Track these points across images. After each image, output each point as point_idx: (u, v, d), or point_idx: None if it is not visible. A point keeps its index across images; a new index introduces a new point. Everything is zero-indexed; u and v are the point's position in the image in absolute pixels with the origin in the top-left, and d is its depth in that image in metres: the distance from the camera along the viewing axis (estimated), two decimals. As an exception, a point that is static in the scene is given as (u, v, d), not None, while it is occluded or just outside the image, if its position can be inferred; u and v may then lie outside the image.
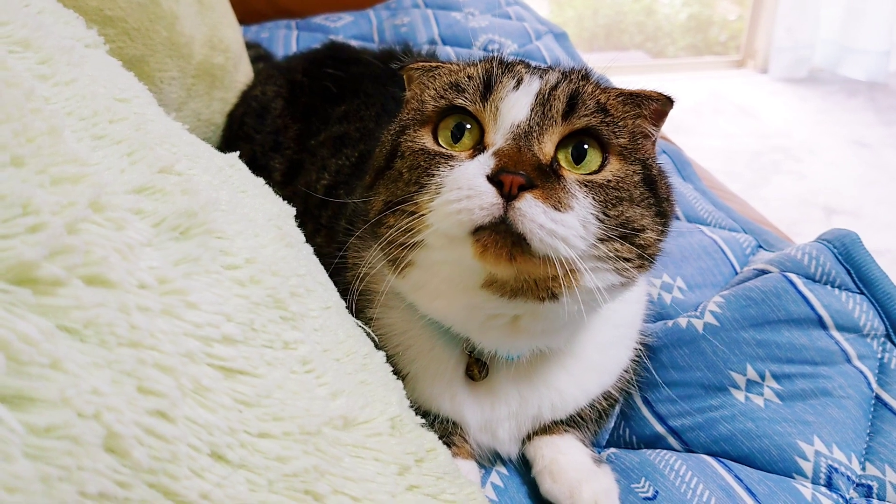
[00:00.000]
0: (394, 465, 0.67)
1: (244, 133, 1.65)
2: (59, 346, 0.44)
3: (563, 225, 0.78)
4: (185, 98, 1.61)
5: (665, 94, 0.93)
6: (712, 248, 1.38)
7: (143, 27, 1.45)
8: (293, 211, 0.89)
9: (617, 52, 5.83)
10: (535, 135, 0.83)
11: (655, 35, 5.95)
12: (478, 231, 0.78)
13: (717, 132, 4.53)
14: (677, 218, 1.52)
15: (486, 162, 0.81)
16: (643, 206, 0.87)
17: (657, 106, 0.94)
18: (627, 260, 0.85)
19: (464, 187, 0.79)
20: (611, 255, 0.83)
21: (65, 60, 0.66)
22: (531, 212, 0.76)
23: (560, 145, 0.85)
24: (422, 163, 0.87)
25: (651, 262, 0.89)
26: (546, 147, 0.84)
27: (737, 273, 1.32)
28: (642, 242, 0.86)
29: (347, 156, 1.39)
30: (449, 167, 0.84)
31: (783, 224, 1.71)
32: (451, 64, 1.00)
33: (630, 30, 5.96)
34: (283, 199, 0.93)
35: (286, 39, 2.50)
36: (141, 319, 0.50)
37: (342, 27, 2.57)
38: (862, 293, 1.10)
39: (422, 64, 1.02)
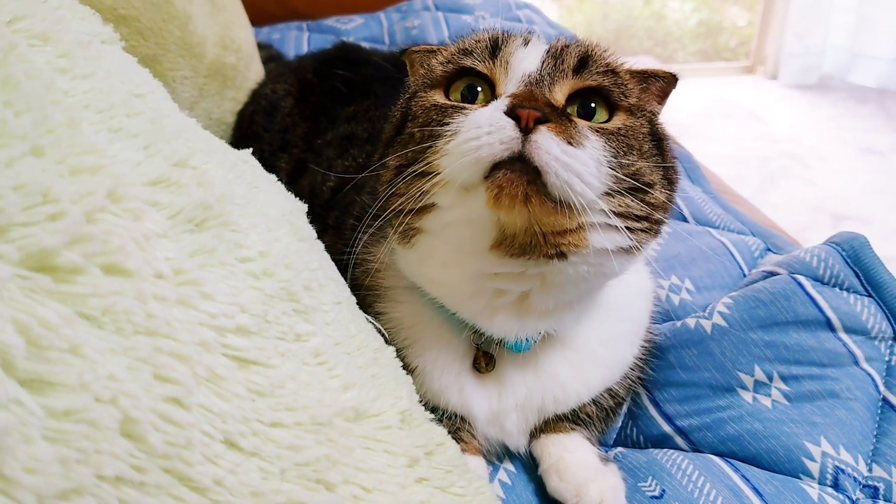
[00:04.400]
0: (403, 458, 0.67)
1: (253, 132, 1.67)
2: (77, 332, 0.45)
3: (577, 160, 0.78)
4: (197, 97, 1.63)
5: (670, 72, 0.96)
6: (721, 250, 1.38)
7: (156, 26, 1.47)
8: (305, 207, 0.90)
9: (626, 57, 5.81)
10: (546, 83, 0.85)
11: (665, 40, 5.95)
12: (492, 173, 0.79)
13: (727, 137, 4.53)
14: (685, 220, 1.52)
15: (501, 103, 0.81)
16: (652, 162, 0.88)
17: (663, 84, 0.97)
18: (637, 219, 0.86)
19: (483, 124, 0.79)
20: (622, 210, 0.84)
21: (83, 55, 0.66)
22: (547, 144, 0.77)
23: (568, 100, 0.87)
24: (434, 116, 0.88)
25: (658, 227, 0.91)
26: (557, 95, 0.85)
27: (745, 275, 1.33)
28: (652, 201, 0.87)
29: (354, 156, 1.39)
30: (464, 115, 0.85)
31: (791, 230, 1.71)
32: (452, 45, 1.01)
33: (639, 35, 5.96)
34: (290, 198, 0.94)
35: (297, 41, 2.51)
36: (157, 308, 0.51)
37: (353, 29, 2.58)
38: (870, 296, 1.10)
39: (423, 47, 1.04)
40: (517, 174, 0.77)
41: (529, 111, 0.77)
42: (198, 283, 0.56)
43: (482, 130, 0.79)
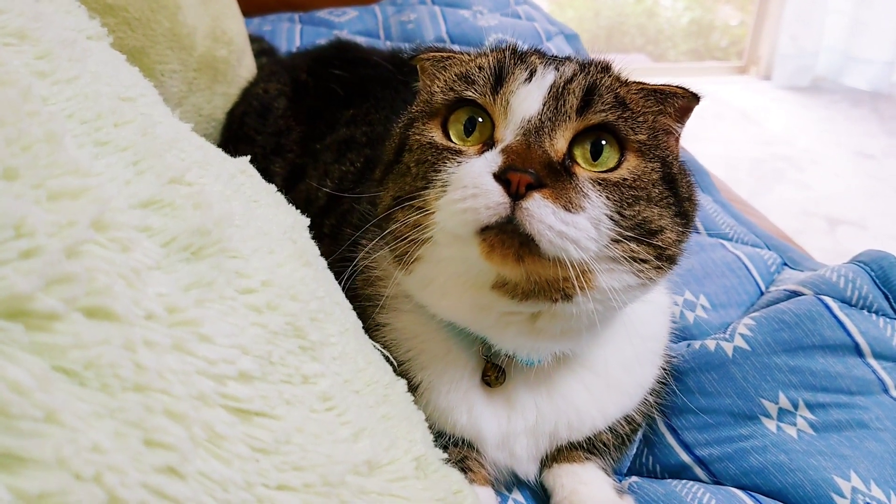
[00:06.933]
0: (421, 514, 0.60)
1: (244, 134, 1.59)
2: (54, 395, 0.38)
3: (574, 227, 0.74)
4: (187, 92, 1.55)
5: (690, 90, 0.89)
6: (736, 264, 1.32)
7: (145, 17, 1.39)
8: (307, 221, 0.83)
9: (618, 54, 5.77)
10: (546, 130, 0.79)
11: (657, 38, 5.91)
12: (485, 231, 0.74)
13: (719, 138, 4.48)
14: (697, 231, 1.46)
15: (493, 159, 0.76)
16: (661, 206, 0.82)
17: (682, 102, 0.89)
18: (645, 261, 0.81)
19: (469, 186, 0.75)
20: (626, 256, 0.79)
21: (66, 55, 0.59)
22: (540, 212, 0.72)
23: (576, 141, 0.80)
24: (429, 157, 0.83)
25: (671, 263, 0.85)
26: (558, 143, 0.79)
27: (762, 292, 1.27)
28: (660, 244, 0.82)
29: (352, 161, 1.33)
30: (456, 163, 0.80)
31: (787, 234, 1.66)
32: (462, 55, 0.96)
33: (631, 32, 5.92)
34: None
35: (289, 33, 2.43)
36: (148, 358, 0.44)
37: (347, 22, 2.50)
38: (900, 319, 1.04)
39: (433, 54, 0.97)
40: (508, 236, 0.73)
41: (521, 175, 0.72)
42: (194, 323, 0.49)
43: (468, 192, 0.74)
